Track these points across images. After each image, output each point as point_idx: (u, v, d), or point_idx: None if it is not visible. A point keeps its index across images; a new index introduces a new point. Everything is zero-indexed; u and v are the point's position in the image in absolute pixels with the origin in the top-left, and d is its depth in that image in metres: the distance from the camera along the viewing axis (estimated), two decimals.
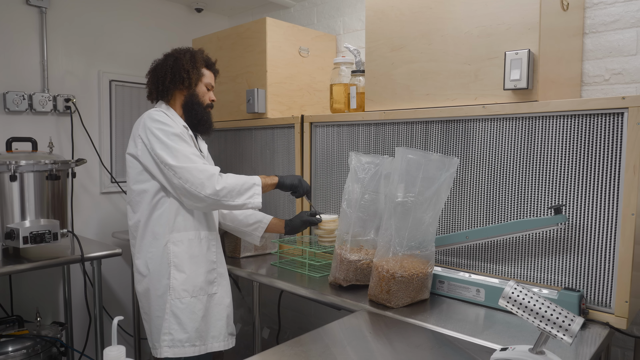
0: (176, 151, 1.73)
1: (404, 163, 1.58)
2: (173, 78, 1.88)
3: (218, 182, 1.73)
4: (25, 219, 2.12)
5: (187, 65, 1.89)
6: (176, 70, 1.88)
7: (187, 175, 1.71)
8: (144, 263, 1.80)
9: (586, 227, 1.49)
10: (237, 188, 1.77)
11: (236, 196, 1.77)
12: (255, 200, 1.80)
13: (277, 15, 3.10)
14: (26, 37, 2.56)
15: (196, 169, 1.72)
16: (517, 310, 1.12)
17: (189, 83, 1.89)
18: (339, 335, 1.41)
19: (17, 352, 2.10)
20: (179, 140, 1.75)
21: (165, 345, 1.75)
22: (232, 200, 1.76)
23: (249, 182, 1.81)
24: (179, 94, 1.92)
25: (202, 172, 1.72)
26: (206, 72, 1.96)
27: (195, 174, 1.71)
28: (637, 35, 1.80)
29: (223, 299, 1.89)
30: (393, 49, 1.92)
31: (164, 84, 1.89)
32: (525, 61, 1.53)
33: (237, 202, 1.77)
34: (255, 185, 1.82)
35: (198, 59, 1.93)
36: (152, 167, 1.76)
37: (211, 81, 1.99)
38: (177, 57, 1.91)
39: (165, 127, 1.75)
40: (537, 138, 1.58)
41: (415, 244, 1.60)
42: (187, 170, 1.71)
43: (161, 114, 1.78)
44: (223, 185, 1.74)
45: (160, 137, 1.73)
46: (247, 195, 1.79)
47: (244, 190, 1.78)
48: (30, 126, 2.58)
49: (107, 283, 2.96)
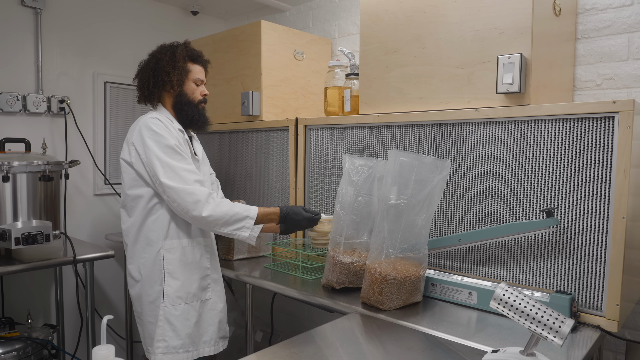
0: (168, 167, 1.68)
1: (397, 165, 1.58)
2: (156, 81, 1.83)
3: (205, 208, 1.68)
4: (18, 220, 2.11)
5: (167, 66, 1.82)
6: (158, 73, 1.82)
7: (174, 196, 1.68)
8: (137, 268, 1.79)
9: (577, 230, 1.50)
10: (224, 218, 1.71)
11: (222, 226, 1.72)
12: (242, 233, 1.73)
13: (273, 18, 3.11)
14: (21, 37, 2.56)
15: (185, 191, 1.68)
16: (508, 312, 1.12)
17: (171, 85, 1.83)
18: (331, 337, 1.41)
19: (8, 355, 2.08)
20: (173, 154, 1.71)
21: (160, 352, 1.75)
22: (218, 229, 1.73)
23: (241, 214, 1.74)
24: (167, 95, 1.87)
25: (190, 195, 1.68)
26: (193, 67, 1.88)
27: (183, 196, 1.67)
28: (628, 41, 1.81)
29: (216, 304, 1.89)
30: (387, 53, 1.93)
31: (149, 89, 1.84)
32: (518, 65, 1.54)
33: (223, 231, 1.74)
34: (247, 219, 1.74)
35: (179, 56, 1.84)
36: (145, 176, 1.74)
37: (200, 76, 1.90)
38: (159, 58, 1.84)
39: (159, 139, 1.70)
40: (529, 142, 1.59)
41: (408, 246, 1.60)
42: (175, 191, 1.67)
43: (157, 122, 1.73)
44: (210, 212, 1.69)
45: (154, 149, 1.69)
46: (234, 227, 1.73)
47: (232, 222, 1.72)
48: (23, 127, 2.57)
49: (99, 285, 2.94)
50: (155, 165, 1.69)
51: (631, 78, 1.81)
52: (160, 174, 1.68)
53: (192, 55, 1.89)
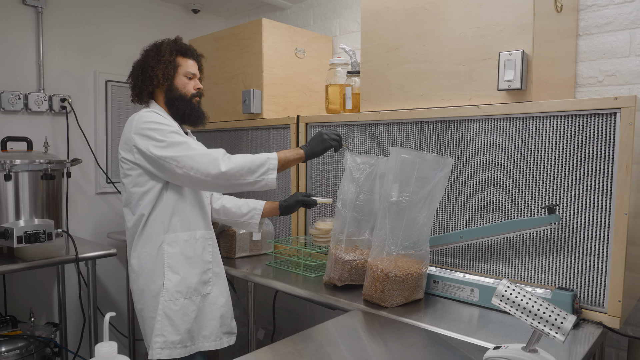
0: (174, 144, 1.68)
1: (399, 163, 1.58)
2: (144, 78, 1.82)
3: (223, 163, 1.66)
4: (20, 219, 2.11)
5: (152, 61, 1.80)
6: (145, 70, 1.81)
7: (190, 162, 1.66)
8: (138, 262, 1.79)
9: (579, 226, 1.50)
10: (247, 166, 1.67)
11: (247, 174, 1.67)
12: (269, 177, 1.68)
13: (274, 16, 3.11)
14: (22, 36, 2.56)
15: (198, 154, 1.67)
16: (510, 308, 1.12)
17: (157, 80, 1.80)
18: (333, 334, 1.42)
19: (11, 353, 2.09)
20: (175, 135, 1.71)
21: (158, 347, 1.74)
22: (243, 179, 1.67)
23: (260, 157, 1.69)
24: (158, 91, 1.86)
25: (205, 156, 1.67)
26: (183, 61, 1.85)
27: (198, 159, 1.66)
28: (630, 37, 1.81)
29: (217, 298, 1.87)
30: (388, 50, 1.93)
31: (138, 86, 1.84)
32: (519, 62, 1.54)
33: (249, 180, 1.68)
34: (269, 160, 1.69)
35: (164, 51, 1.81)
36: (152, 168, 1.72)
37: (191, 69, 1.86)
38: (146, 54, 1.83)
39: (158, 126, 1.70)
40: (531, 138, 1.58)
41: (410, 243, 1.60)
42: (189, 157, 1.66)
43: (152, 114, 1.74)
44: (230, 166, 1.66)
45: (154, 136, 1.69)
46: (260, 172, 1.68)
47: (255, 167, 1.68)
48: (25, 126, 2.58)
49: (101, 283, 2.95)
50: (160, 149, 1.67)
51: (633, 74, 1.81)
52: (168, 152, 1.65)
53: (182, 49, 1.87)
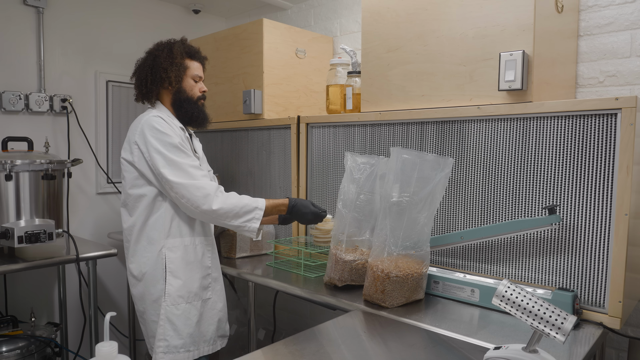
0: (174, 165, 1.69)
1: (399, 163, 1.58)
2: (154, 79, 1.82)
3: (215, 201, 1.69)
4: (21, 219, 2.11)
5: (165, 63, 1.81)
6: (155, 71, 1.82)
7: (183, 191, 1.68)
8: (138, 267, 1.79)
9: (580, 227, 1.50)
10: (235, 210, 1.72)
11: (232, 218, 1.73)
12: (251, 225, 1.75)
13: (274, 17, 3.11)
14: (23, 37, 2.56)
15: (193, 185, 1.69)
16: (511, 308, 1.12)
17: (169, 82, 1.82)
18: (334, 335, 1.42)
19: (11, 353, 2.09)
20: (178, 152, 1.71)
21: (161, 352, 1.75)
22: (228, 221, 1.73)
23: (250, 205, 1.75)
24: (165, 92, 1.87)
25: (199, 189, 1.69)
26: (191, 63, 1.87)
27: (192, 191, 1.68)
28: (631, 38, 1.81)
29: (216, 303, 1.89)
30: (389, 50, 1.93)
31: (147, 86, 1.84)
32: (520, 62, 1.54)
33: (233, 224, 1.74)
34: (256, 210, 1.76)
35: (176, 53, 1.83)
36: (148, 175, 1.73)
37: (198, 72, 1.89)
38: (156, 55, 1.83)
39: (163, 137, 1.70)
40: (532, 139, 1.58)
41: (410, 244, 1.60)
42: (183, 187, 1.68)
43: (159, 120, 1.73)
44: (220, 206, 1.70)
45: (158, 148, 1.69)
46: (244, 219, 1.74)
47: (242, 213, 1.73)
48: (26, 126, 2.58)
49: (102, 283, 2.95)
50: (160, 163, 1.69)
51: (634, 75, 1.81)
52: (166, 173, 1.68)
53: (190, 51, 1.89)
